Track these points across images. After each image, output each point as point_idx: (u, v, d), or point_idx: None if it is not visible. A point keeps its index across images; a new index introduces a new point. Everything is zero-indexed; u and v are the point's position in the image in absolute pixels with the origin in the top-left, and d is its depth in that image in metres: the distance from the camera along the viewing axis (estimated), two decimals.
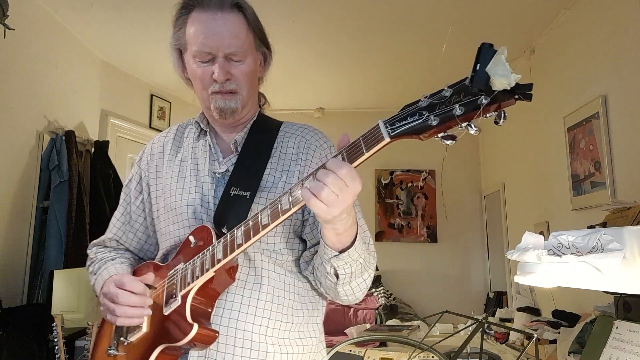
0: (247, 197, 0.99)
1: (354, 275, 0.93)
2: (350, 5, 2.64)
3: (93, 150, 3.07)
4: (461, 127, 0.68)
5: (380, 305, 3.64)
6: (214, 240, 0.92)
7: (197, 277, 0.91)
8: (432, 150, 4.29)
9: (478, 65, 0.63)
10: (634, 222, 1.55)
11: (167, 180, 1.10)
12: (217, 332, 0.92)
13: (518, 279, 1.11)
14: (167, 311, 0.94)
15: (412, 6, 2.64)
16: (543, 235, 1.21)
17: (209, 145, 1.10)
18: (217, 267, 0.89)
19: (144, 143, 4.30)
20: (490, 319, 2.87)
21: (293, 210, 0.81)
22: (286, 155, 1.06)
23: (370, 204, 4.40)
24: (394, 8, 2.66)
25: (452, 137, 0.70)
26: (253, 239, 0.85)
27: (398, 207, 4.42)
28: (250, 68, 1.03)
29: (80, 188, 2.73)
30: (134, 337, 0.98)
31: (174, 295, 0.94)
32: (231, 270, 0.95)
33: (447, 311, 2.17)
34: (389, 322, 3.38)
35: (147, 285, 0.99)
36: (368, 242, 0.98)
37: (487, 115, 0.66)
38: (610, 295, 1.53)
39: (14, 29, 2.17)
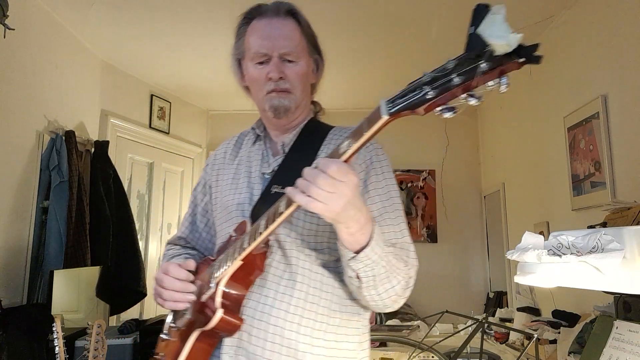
0: None
1: (378, 279, 0.92)
2: (350, 5, 2.64)
3: (93, 150, 3.07)
4: (462, 98, 0.63)
5: None
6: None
7: (229, 266, 0.96)
8: (432, 150, 4.29)
9: (472, 28, 0.58)
10: (634, 222, 1.55)
11: (225, 182, 1.18)
12: (242, 320, 0.97)
13: (518, 279, 1.11)
14: (203, 298, 1.00)
15: (412, 6, 2.64)
16: (543, 235, 1.21)
17: (262, 148, 1.16)
18: (242, 255, 0.93)
19: (144, 143, 4.30)
20: (490, 319, 2.87)
21: None
22: None
23: None
24: (393, 8, 2.66)
25: (451, 109, 0.65)
26: (271, 227, 0.87)
27: None
28: (303, 69, 1.09)
29: (80, 188, 2.73)
30: (181, 323, 1.05)
31: (209, 283, 1.00)
32: (258, 259, 0.98)
33: (447, 311, 2.17)
34: (389, 322, 3.38)
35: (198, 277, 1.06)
36: (403, 248, 0.99)
37: (490, 83, 0.61)
38: (610, 295, 1.53)
39: (14, 29, 2.17)
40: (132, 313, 3.24)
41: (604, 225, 1.73)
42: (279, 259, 1.01)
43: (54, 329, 1.64)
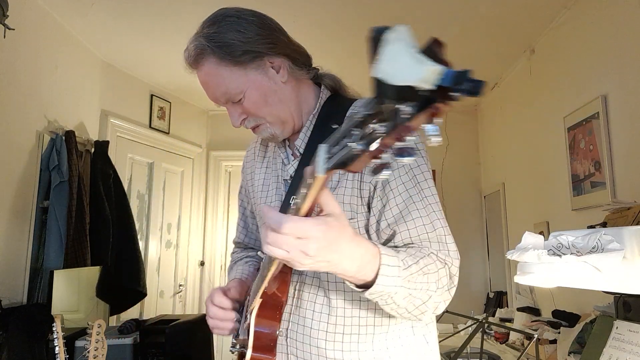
0: None
1: (402, 302, 0.79)
2: (351, 5, 2.64)
3: (93, 150, 3.07)
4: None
5: None
6: None
7: (254, 299, 0.95)
8: (432, 150, 4.29)
9: (373, 67, 0.40)
10: (634, 222, 1.55)
11: (258, 187, 1.13)
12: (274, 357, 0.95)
13: (518, 279, 1.11)
14: (247, 323, 0.99)
15: (412, 6, 2.64)
16: (543, 235, 1.21)
17: (284, 149, 1.10)
18: (259, 293, 0.91)
19: (144, 143, 4.29)
20: (490, 319, 2.86)
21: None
22: None
23: None
24: (394, 8, 2.66)
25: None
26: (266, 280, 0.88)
27: None
28: (253, 98, 0.98)
29: (80, 188, 2.73)
30: (239, 340, 1.05)
31: (247, 311, 1.00)
32: (275, 295, 0.95)
33: (447, 311, 2.17)
34: None
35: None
36: (440, 242, 0.86)
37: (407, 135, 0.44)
38: (610, 295, 1.53)
39: (14, 29, 2.17)
40: (132, 313, 3.23)
41: (604, 225, 1.73)
42: (310, 273, 0.96)
43: (54, 329, 1.64)
